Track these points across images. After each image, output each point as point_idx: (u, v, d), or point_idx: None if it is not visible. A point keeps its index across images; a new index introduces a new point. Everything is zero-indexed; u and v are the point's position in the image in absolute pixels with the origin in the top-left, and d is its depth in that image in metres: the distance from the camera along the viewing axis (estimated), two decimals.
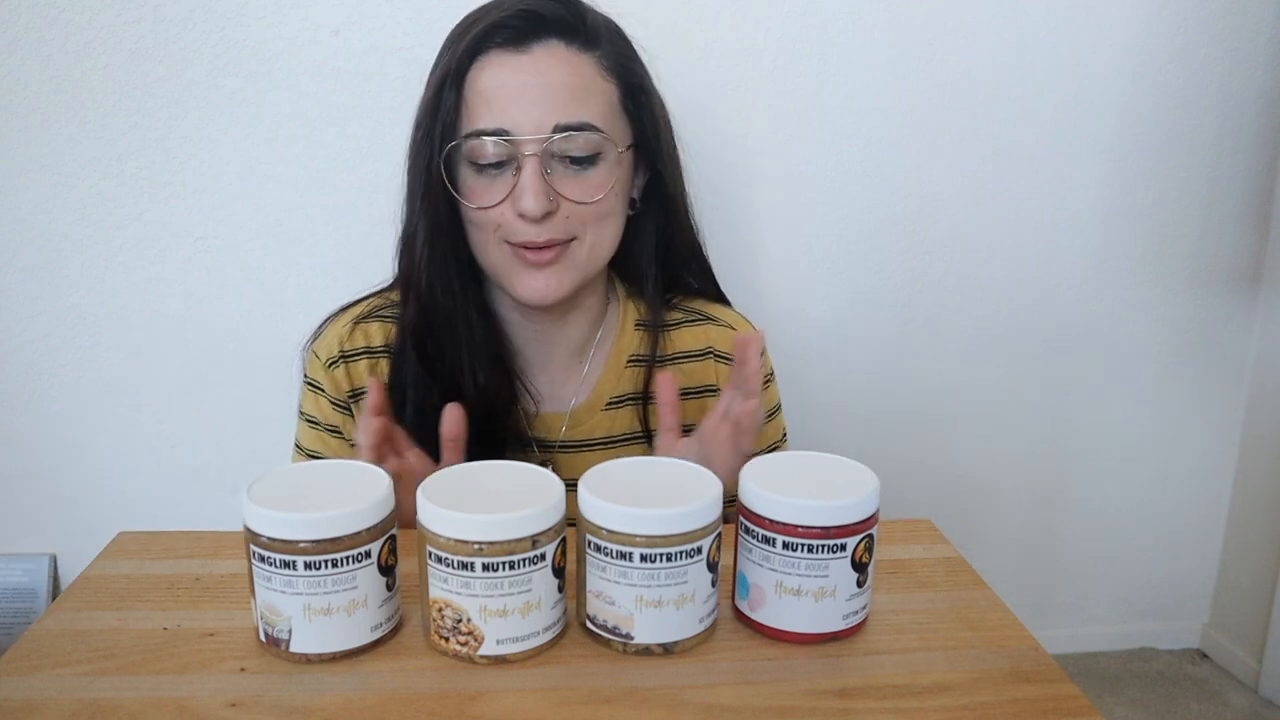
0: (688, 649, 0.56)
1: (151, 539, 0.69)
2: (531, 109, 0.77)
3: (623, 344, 0.92)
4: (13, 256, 1.32)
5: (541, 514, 0.54)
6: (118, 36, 1.25)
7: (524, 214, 0.78)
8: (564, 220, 0.80)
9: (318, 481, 0.58)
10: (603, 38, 0.82)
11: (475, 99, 0.79)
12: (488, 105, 0.78)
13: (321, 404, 0.87)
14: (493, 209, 0.79)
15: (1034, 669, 0.55)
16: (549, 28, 0.78)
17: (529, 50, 0.78)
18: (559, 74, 0.78)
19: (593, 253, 0.83)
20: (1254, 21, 1.49)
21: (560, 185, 0.79)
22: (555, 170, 0.79)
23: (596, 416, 0.90)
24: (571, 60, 0.79)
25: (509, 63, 0.78)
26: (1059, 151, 1.50)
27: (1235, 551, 1.74)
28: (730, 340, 0.93)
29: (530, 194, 0.77)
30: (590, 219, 0.81)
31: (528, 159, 0.77)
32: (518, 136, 0.77)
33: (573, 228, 0.81)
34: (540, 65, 0.78)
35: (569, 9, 0.80)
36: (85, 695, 0.51)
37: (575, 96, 0.78)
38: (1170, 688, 1.68)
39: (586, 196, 0.80)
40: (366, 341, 0.87)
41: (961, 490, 1.64)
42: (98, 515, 1.43)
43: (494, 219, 0.80)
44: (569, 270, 0.82)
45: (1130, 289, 1.59)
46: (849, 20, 1.38)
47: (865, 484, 0.58)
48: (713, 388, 0.93)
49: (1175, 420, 1.68)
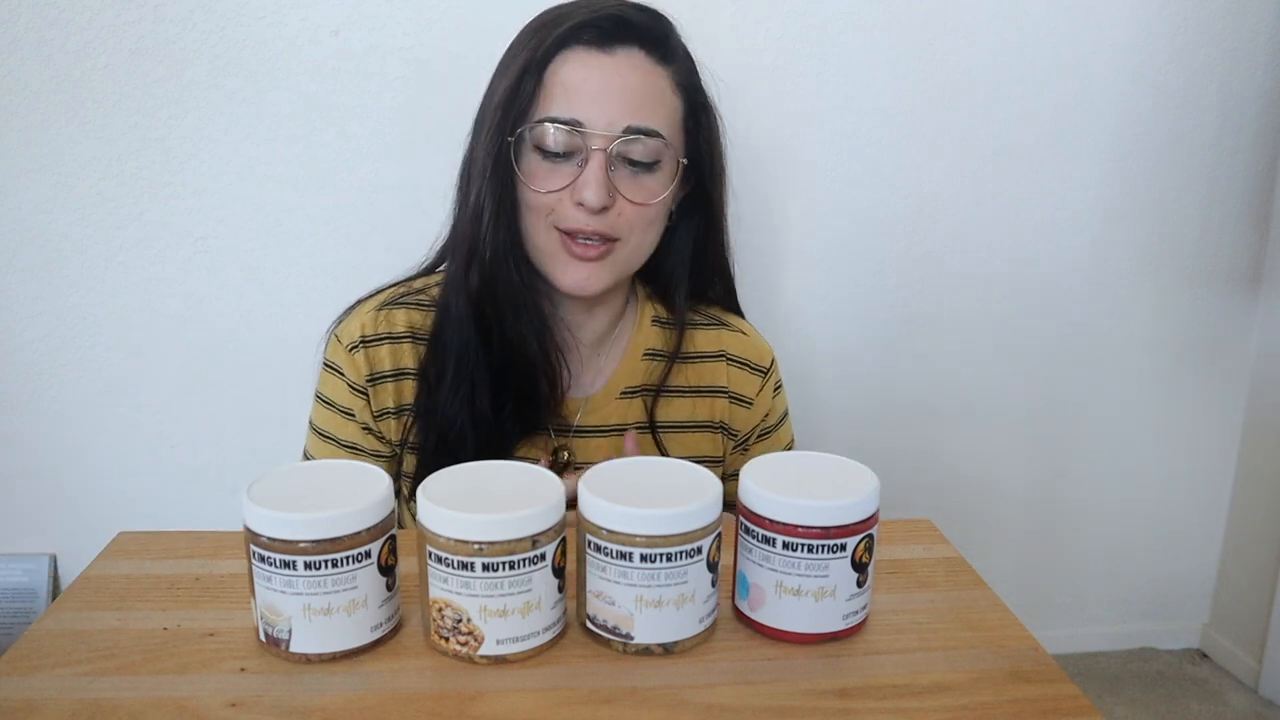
0: (688, 649, 0.56)
1: (151, 539, 0.69)
2: (607, 106, 0.81)
3: (639, 339, 0.95)
4: (13, 256, 1.32)
5: (541, 514, 0.54)
6: (118, 36, 1.25)
7: (584, 204, 0.81)
8: (616, 218, 0.83)
9: (318, 481, 0.58)
10: (679, 55, 0.86)
11: (555, 88, 0.82)
12: (566, 96, 0.81)
13: (339, 387, 0.88)
14: (551, 194, 0.83)
15: (1034, 669, 0.55)
16: (634, 35, 0.82)
17: (612, 52, 0.82)
18: (637, 79, 0.82)
19: (633, 255, 0.87)
20: (1254, 21, 1.49)
21: (620, 184, 0.83)
22: (617, 169, 0.83)
23: (611, 404, 0.93)
24: (649, 70, 0.83)
25: (592, 60, 0.81)
26: (1059, 151, 1.50)
27: (1235, 551, 1.74)
28: (743, 346, 0.98)
29: (593, 186, 0.80)
30: (639, 222, 0.85)
31: (594, 153, 0.81)
32: (589, 130, 0.81)
33: (621, 227, 0.84)
34: (621, 68, 0.82)
35: (655, 22, 0.85)
36: (85, 695, 0.51)
37: (648, 104, 0.82)
38: (1170, 688, 1.68)
39: (642, 199, 0.84)
40: (389, 327, 0.89)
41: (961, 490, 1.64)
42: (98, 515, 1.43)
43: (550, 203, 0.83)
44: (610, 268, 0.86)
45: (1130, 289, 1.59)
46: (849, 20, 1.38)
47: (865, 484, 0.58)
48: (723, 388, 0.96)
49: (1175, 420, 1.68)
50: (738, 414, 0.97)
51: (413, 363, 0.88)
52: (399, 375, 0.88)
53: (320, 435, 0.90)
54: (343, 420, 0.89)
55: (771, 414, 0.99)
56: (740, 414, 0.97)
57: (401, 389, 0.88)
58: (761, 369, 0.98)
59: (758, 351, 0.98)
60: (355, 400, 0.88)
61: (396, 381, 0.88)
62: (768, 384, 0.98)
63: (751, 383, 0.97)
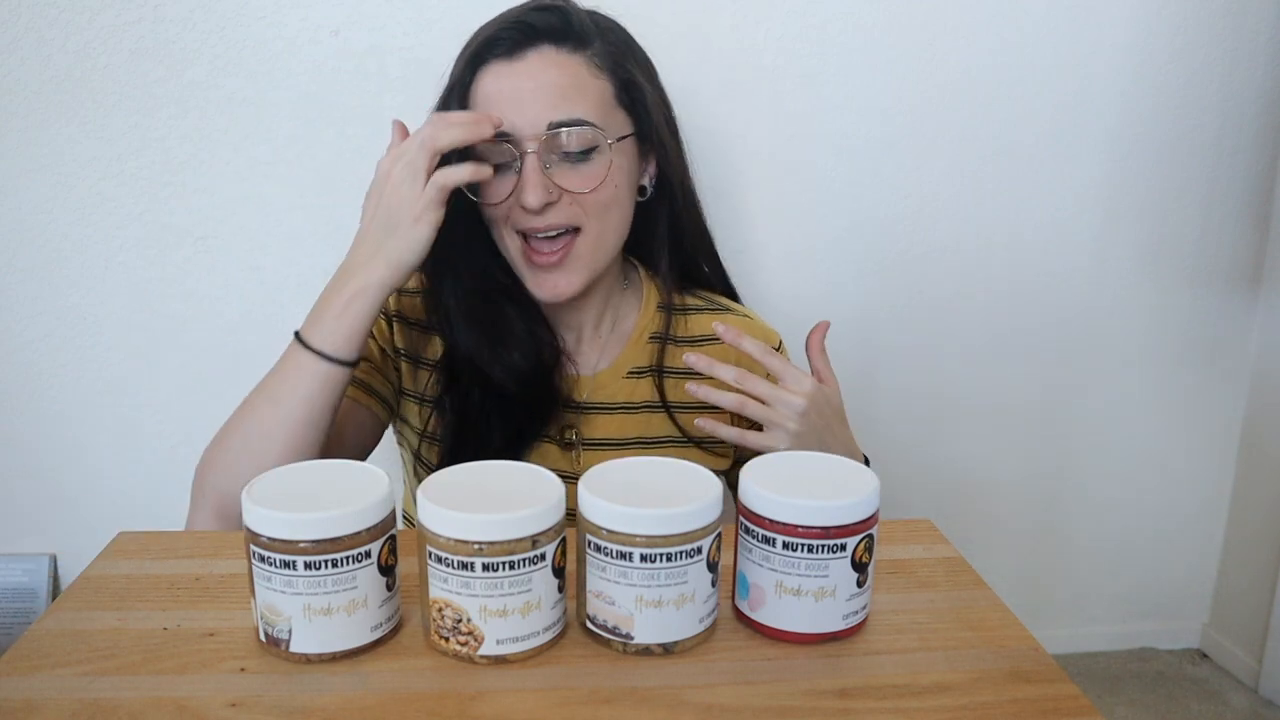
0: (688, 649, 0.56)
1: (151, 539, 0.69)
2: (526, 110, 0.84)
3: (644, 322, 0.99)
4: (13, 256, 1.32)
5: (541, 514, 0.54)
6: (118, 36, 1.25)
7: (526, 206, 0.84)
8: (567, 208, 0.86)
9: (318, 481, 0.58)
10: (593, 37, 0.88)
11: (478, 107, 0.86)
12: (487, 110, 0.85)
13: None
14: (501, 204, 0.87)
15: (1034, 669, 0.55)
16: (539, 35, 0.85)
17: (523, 57, 0.85)
18: (550, 76, 0.85)
19: (599, 242, 0.90)
20: (1254, 21, 1.49)
21: (560, 178, 0.86)
22: (554, 164, 0.86)
23: (618, 383, 0.97)
24: (562, 62, 0.85)
25: (505, 71, 0.85)
26: (1059, 151, 1.50)
27: (1235, 551, 1.74)
28: (750, 329, 1.00)
29: (530, 188, 0.84)
30: (592, 209, 0.88)
31: (526, 156, 0.84)
32: (516, 135, 0.84)
33: (575, 216, 0.87)
34: (533, 69, 0.85)
35: (557, 15, 0.87)
36: (85, 695, 0.51)
37: (567, 95, 0.85)
38: (1170, 688, 1.68)
39: (584, 187, 0.86)
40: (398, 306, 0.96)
41: (961, 490, 1.64)
42: (98, 515, 1.43)
43: (504, 213, 0.88)
44: (577, 267, 0.89)
45: (1130, 289, 1.59)
46: (849, 20, 1.38)
47: (865, 484, 0.58)
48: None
49: (1175, 420, 1.68)
50: None
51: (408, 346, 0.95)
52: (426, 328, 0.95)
53: None
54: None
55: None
56: None
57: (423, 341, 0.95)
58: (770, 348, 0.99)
59: (764, 334, 1.01)
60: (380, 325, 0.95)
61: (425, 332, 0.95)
62: None
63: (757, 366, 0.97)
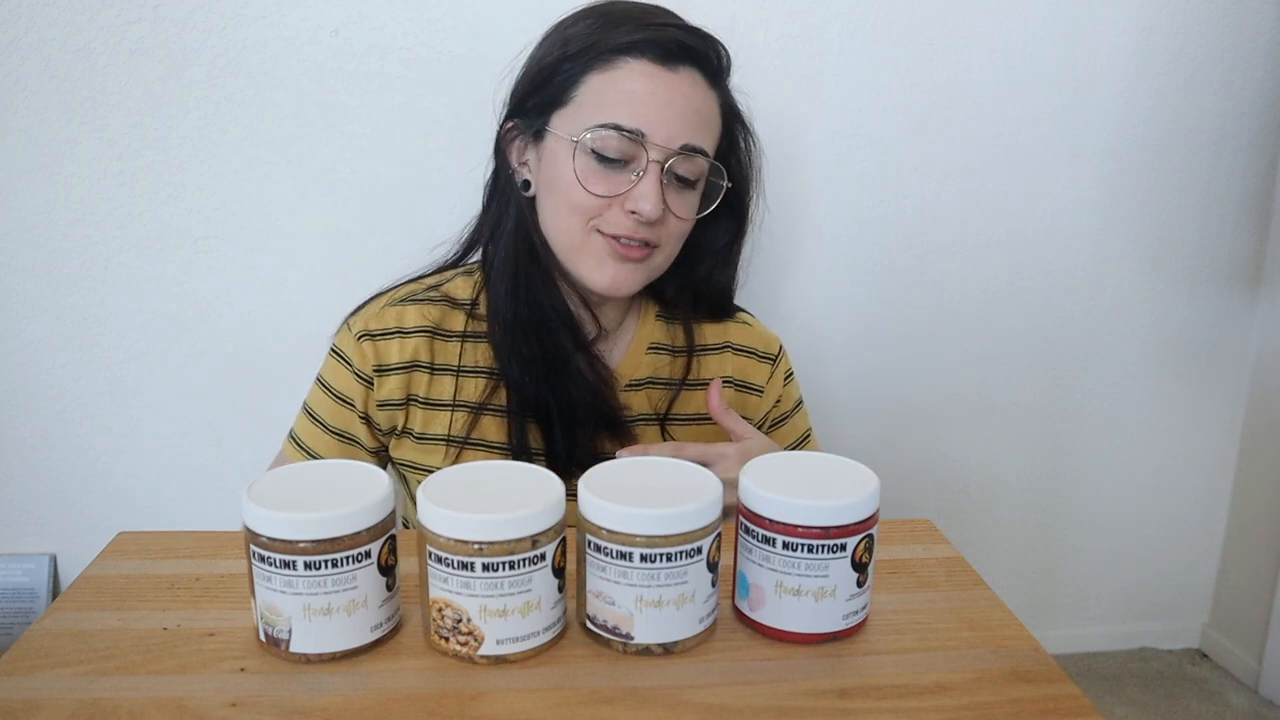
0: (688, 649, 0.56)
1: (151, 539, 0.69)
2: (669, 121, 0.83)
3: (643, 333, 0.97)
4: (13, 256, 1.32)
5: (541, 514, 0.54)
6: (118, 36, 1.25)
7: (638, 214, 0.83)
8: (660, 228, 0.86)
9: (318, 481, 0.58)
10: (726, 81, 0.90)
11: (615, 95, 0.83)
12: (630, 105, 0.83)
13: (343, 374, 0.89)
14: (603, 199, 0.84)
15: (1034, 669, 0.55)
16: (693, 57, 0.85)
17: (675, 70, 0.84)
18: (696, 99, 0.85)
19: (664, 263, 0.90)
20: (1254, 21, 1.49)
21: (668, 197, 0.85)
22: (667, 183, 0.85)
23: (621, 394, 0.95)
24: (705, 91, 0.86)
25: (658, 74, 0.83)
26: (1059, 151, 1.50)
27: (1235, 551, 1.74)
28: (748, 335, 1.00)
29: (651, 198, 0.83)
30: (675, 234, 0.89)
31: (652, 164, 0.83)
32: (650, 141, 0.83)
33: (661, 237, 0.87)
34: (684, 86, 0.84)
35: (712, 46, 0.87)
36: (85, 695, 0.51)
37: (702, 124, 0.86)
38: (1170, 688, 1.68)
39: (684, 213, 0.88)
40: (400, 323, 0.90)
41: (961, 490, 1.64)
42: (98, 515, 1.43)
43: (596, 207, 0.85)
44: (645, 271, 0.89)
45: (1130, 289, 1.59)
46: (849, 20, 1.38)
47: (865, 484, 0.58)
48: (728, 378, 0.98)
49: (1175, 420, 1.68)
50: (749, 402, 0.98)
51: (426, 356, 0.89)
52: (410, 367, 0.89)
53: (310, 416, 0.92)
54: (336, 406, 0.90)
55: (784, 400, 1.00)
56: (751, 401, 0.98)
57: (410, 380, 0.89)
58: (769, 356, 1.00)
59: (764, 340, 1.00)
60: (357, 388, 0.89)
61: (407, 373, 0.89)
62: (778, 370, 1.00)
63: (760, 370, 0.99)
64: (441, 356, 0.91)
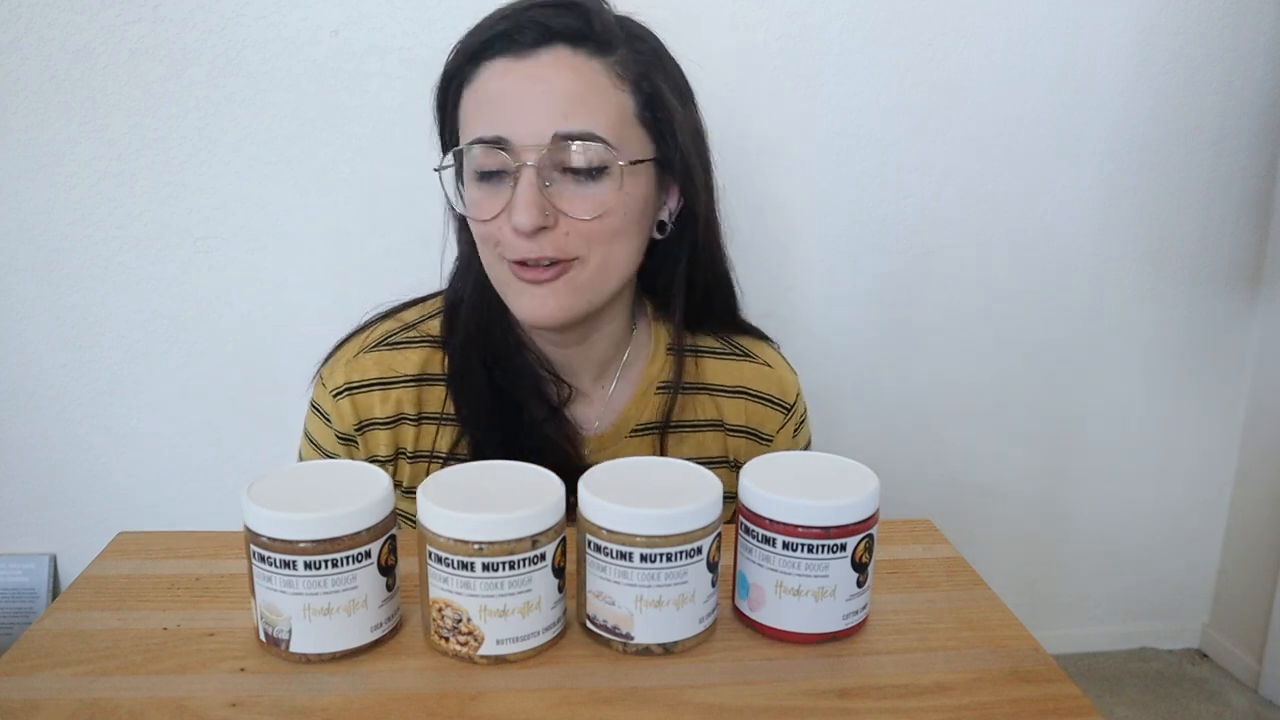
0: (688, 649, 0.56)
1: (151, 539, 0.69)
2: (530, 116, 0.72)
3: (652, 371, 0.87)
4: (13, 256, 1.32)
5: (541, 514, 0.54)
6: (118, 36, 1.25)
7: (516, 228, 0.72)
8: (563, 237, 0.74)
9: (318, 481, 0.58)
10: (618, 43, 0.75)
11: (477, 105, 0.75)
12: (487, 112, 0.74)
13: (326, 432, 0.83)
14: (490, 222, 0.75)
15: (1034, 669, 0.55)
16: (555, 34, 0.74)
17: (533, 56, 0.73)
18: (564, 79, 0.73)
19: (601, 274, 0.77)
20: (1254, 21, 1.49)
21: (559, 199, 0.73)
22: (555, 183, 0.74)
23: (620, 443, 0.86)
24: (578, 66, 0.73)
25: (512, 68, 0.73)
26: (1059, 151, 1.50)
27: (1235, 551, 1.74)
28: (766, 380, 0.89)
29: (522, 207, 0.72)
30: (596, 237, 0.75)
31: (524, 169, 0.72)
32: (515, 144, 0.72)
33: (573, 246, 0.74)
34: (543, 70, 0.73)
35: (576, 14, 0.74)
36: (85, 695, 0.51)
37: (581, 104, 0.73)
38: (1170, 688, 1.68)
39: (587, 213, 0.74)
40: (380, 372, 0.82)
41: (961, 490, 1.64)
42: (98, 515, 1.43)
43: (493, 233, 0.75)
44: (570, 292, 0.76)
45: (1130, 288, 1.59)
46: (849, 20, 1.39)
47: (865, 484, 0.58)
48: (742, 427, 0.89)
49: (1175, 420, 1.68)
50: (755, 451, 0.89)
51: (412, 408, 0.82)
52: (396, 421, 0.82)
53: None
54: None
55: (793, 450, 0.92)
56: (758, 451, 0.89)
57: (398, 434, 0.82)
58: (785, 405, 0.90)
59: (781, 386, 0.90)
60: (340, 448, 0.82)
61: (393, 428, 0.82)
62: (790, 420, 0.90)
63: (773, 419, 0.90)
64: (428, 404, 0.82)
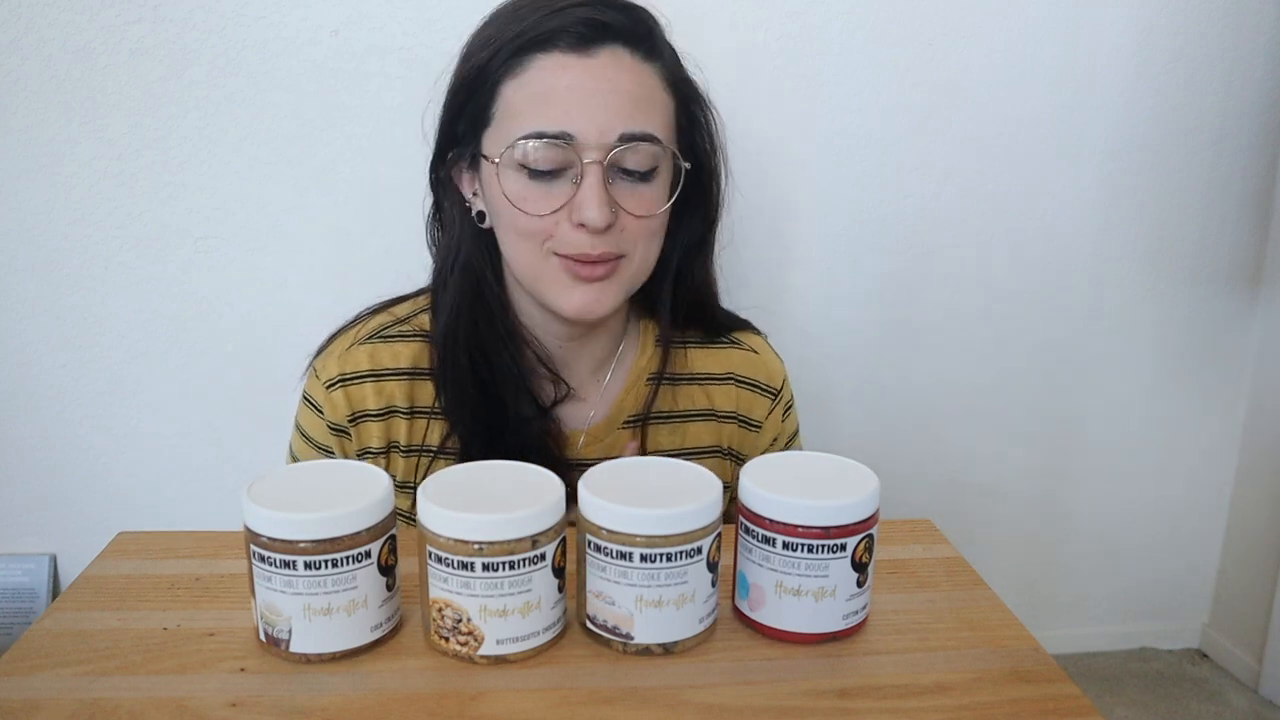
0: (688, 649, 0.56)
1: (151, 539, 0.69)
2: (597, 115, 0.73)
3: (642, 363, 0.89)
4: (13, 256, 1.32)
5: (541, 514, 0.54)
6: (118, 36, 1.25)
7: (586, 225, 0.74)
8: (619, 234, 0.76)
9: (318, 481, 0.58)
10: (665, 49, 0.79)
11: (531, 99, 0.74)
12: (550, 106, 0.74)
13: (318, 424, 0.83)
14: (544, 217, 0.75)
15: (1034, 669, 0.55)
16: (613, 33, 0.75)
17: (594, 54, 0.74)
18: (625, 81, 0.74)
19: (639, 271, 0.80)
20: (1254, 21, 1.49)
21: (619, 197, 0.75)
22: (615, 182, 0.75)
23: (613, 435, 0.87)
24: (637, 69, 0.75)
25: (573, 64, 0.74)
26: (1059, 151, 1.50)
27: (1235, 551, 1.74)
28: (752, 366, 0.91)
29: (594, 204, 0.73)
30: (642, 235, 0.78)
31: (590, 167, 0.73)
32: (581, 142, 0.73)
33: (626, 242, 0.77)
34: (606, 70, 0.74)
35: (632, 16, 0.76)
36: (85, 695, 0.51)
37: (640, 106, 0.75)
38: (1170, 688, 1.68)
39: (644, 210, 0.77)
40: (373, 364, 0.83)
41: (961, 490, 1.64)
42: (98, 515, 1.43)
43: (546, 228, 0.76)
44: (617, 286, 0.79)
45: (1130, 288, 1.59)
46: (849, 20, 1.38)
47: (865, 484, 0.58)
48: (731, 413, 0.91)
49: (1175, 420, 1.68)
50: (746, 438, 0.91)
51: (404, 400, 0.83)
52: (388, 413, 0.83)
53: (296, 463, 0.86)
54: (318, 455, 0.84)
55: (781, 436, 0.93)
56: (749, 438, 0.91)
57: (390, 427, 0.83)
58: (771, 390, 0.92)
59: (768, 371, 0.92)
60: (334, 439, 0.83)
61: (385, 420, 0.83)
62: (777, 406, 0.92)
63: (760, 405, 0.91)
64: (420, 399, 0.83)
